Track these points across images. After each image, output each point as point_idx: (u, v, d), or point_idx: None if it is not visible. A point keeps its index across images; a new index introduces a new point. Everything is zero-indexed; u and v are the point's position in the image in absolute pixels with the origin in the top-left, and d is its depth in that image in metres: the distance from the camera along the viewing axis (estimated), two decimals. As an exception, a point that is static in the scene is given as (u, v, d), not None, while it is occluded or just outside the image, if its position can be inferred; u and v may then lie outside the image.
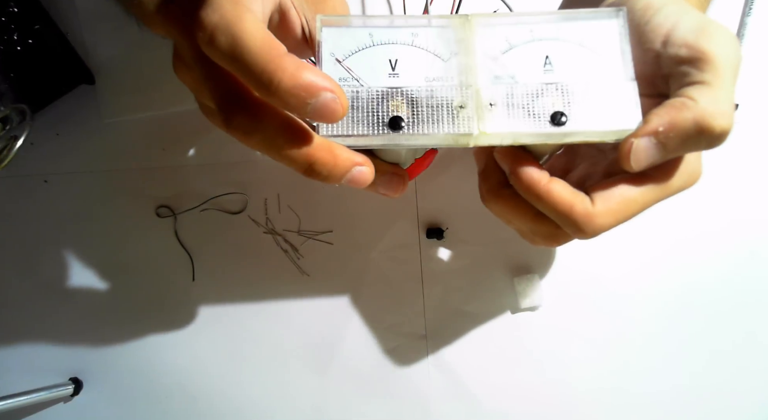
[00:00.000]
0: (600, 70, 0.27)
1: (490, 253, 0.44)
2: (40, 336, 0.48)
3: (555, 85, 0.27)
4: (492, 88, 0.27)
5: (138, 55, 0.45)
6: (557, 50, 0.27)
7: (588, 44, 0.27)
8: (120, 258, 0.47)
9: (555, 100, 0.27)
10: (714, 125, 0.24)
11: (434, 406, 0.46)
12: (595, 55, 0.27)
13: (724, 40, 0.25)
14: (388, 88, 0.27)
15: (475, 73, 0.27)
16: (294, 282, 0.46)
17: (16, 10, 0.43)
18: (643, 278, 0.44)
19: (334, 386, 0.46)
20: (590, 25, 0.27)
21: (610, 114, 0.26)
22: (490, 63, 0.27)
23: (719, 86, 0.24)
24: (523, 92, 0.27)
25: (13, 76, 0.44)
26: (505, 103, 0.27)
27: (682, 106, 0.25)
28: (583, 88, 0.27)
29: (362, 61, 0.27)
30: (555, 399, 0.45)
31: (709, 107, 0.24)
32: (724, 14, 0.42)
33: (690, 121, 0.24)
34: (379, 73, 0.27)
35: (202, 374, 0.47)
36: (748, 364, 0.44)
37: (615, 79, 0.27)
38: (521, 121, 0.27)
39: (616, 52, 0.27)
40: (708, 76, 0.25)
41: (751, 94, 0.42)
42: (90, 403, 0.48)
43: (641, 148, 0.25)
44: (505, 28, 0.27)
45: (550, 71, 0.27)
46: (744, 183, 0.43)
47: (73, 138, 0.46)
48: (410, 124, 0.26)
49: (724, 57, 0.25)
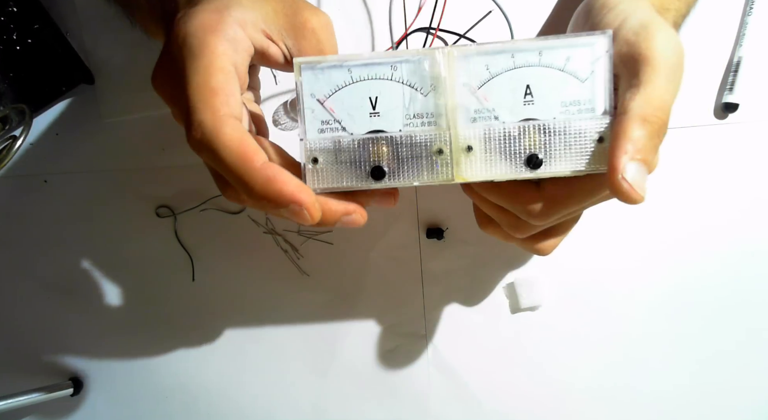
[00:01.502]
0: (580, 99, 0.26)
1: (490, 253, 0.44)
2: (40, 336, 0.48)
3: (533, 123, 0.27)
4: (470, 128, 0.27)
5: (138, 55, 0.45)
6: (539, 78, 0.27)
7: (570, 69, 0.26)
8: (120, 258, 0.47)
9: (532, 141, 0.27)
10: (660, 119, 0.24)
11: (434, 406, 0.46)
12: (576, 82, 0.26)
13: (663, 39, 0.25)
14: (369, 135, 0.27)
15: (454, 112, 0.27)
16: (294, 282, 0.46)
17: (15, 10, 0.43)
18: (643, 278, 0.44)
19: (334, 386, 0.46)
20: (575, 50, 0.26)
21: (585, 153, 0.27)
22: (468, 97, 0.27)
23: (652, 83, 0.25)
24: (501, 133, 0.27)
25: (12, 75, 0.44)
26: (483, 148, 0.27)
27: (627, 121, 0.24)
28: (561, 126, 0.27)
29: (343, 100, 0.27)
30: (555, 399, 0.45)
31: (645, 108, 0.24)
32: (725, 14, 0.42)
33: (642, 131, 0.24)
34: (360, 113, 0.27)
35: (202, 374, 0.47)
36: (749, 364, 0.44)
37: (593, 114, 0.26)
38: (497, 166, 0.27)
39: (599, 80, 0.26)
40: (642, 77, 0.25)
41: (751, 94, 0.42)
42: (90, 403, 0.48)
43: (635, 177, 0.24)
44: (485, 58, 0.27)
45: (530, 103, 0.27)
46: (744, 183, 0.43)
47: (72, 138, 0.46)
48: (391, 173, 0.27)
49: (662, 56, 0.25)
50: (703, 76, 0.42)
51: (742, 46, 0.41)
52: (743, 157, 0.43)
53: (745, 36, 0.41)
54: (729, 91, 0.41)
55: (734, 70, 0.41)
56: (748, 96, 0.41)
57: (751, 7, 0.41)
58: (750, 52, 0.41)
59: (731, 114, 0.42)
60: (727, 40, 0.42)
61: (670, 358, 0.44)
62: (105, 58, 0.45)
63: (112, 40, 0.45)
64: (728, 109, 0.42)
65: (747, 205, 0.43)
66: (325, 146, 0.28)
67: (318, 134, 0.28)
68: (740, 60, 0.41)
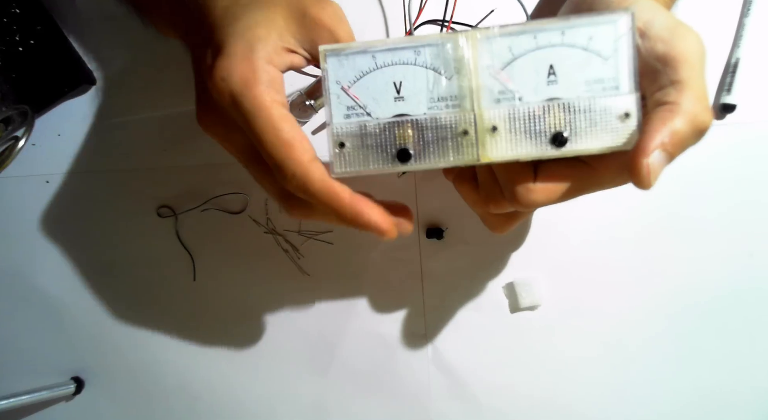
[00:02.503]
0: (604, 78, 0.27)
1: (490, 253, 0.45)
2: (41, 335, 0.48)
3: (557, 102, 0.27)
4: (494, 109, 0.27)
5: (139, 56, 0.45)
6: (562, 58, 0.27)
7: (593, 48, 0.26)
8: (121, 258, 0.47)
9: (557, 119, 0.27)
10: (706, 122, 0.26)
11: (434, 406, 0.46)
12: (600, 60, 0.27)
13: (694, 39, 0.27)
14: (394, 119, 0.28)
15: (478, 93, 0.27)
16: (294, 282, 0.46)
17: (17, 11, 0.43)
18: (643, 278, 0.44)
19: (334, 386, 0.46)
20: (597, 28, 0.26)
21: (610, 130, 0.27)
22: (492, 80, 0.27)
23: (696, 84, 0.26)
24: (525, 112, 0.27)
25: (14, 76, 0.44)
26: (507, 128, 0.27)
27: (672, 113, 0.25)
28: (585, 104, 0.27)
29: (368, 86, 0.28)
30: (555, 399, 0.45)
31: (696, 107, 0.25)
32: (722, 15, 0.42)
33: (687, 126, 0.25)
34: (385, 98, 0.28)
35: (203, 373, 0.47)
36: (750, 365, 0.44)
37: (618, 92, 0.26)
38: (522, 145, 0.27)
39: (623, 58, 0.26)
40: (684, 75, 0.26)
41: (749, 95, 0.42)
42: (91, 402, 0.48)
43: (656, 165, 0.25)
44: (508, 39, 0.27)
45: (554, 82, 0.27)
46: (742, 183, 0.43)
47: (74, 138, 0.46)
48: (417, 155, 0.28)
49: (696, 55, 0.26)
50: None
51: (739, 47, 0.41)
52: (741, 158, 0.43)
53: (742, 37, 0.41)
54: (727, 92, 0.42)
55: (732, 71, 0.42)
56: (746, 97, 0.42)
57: (749, 8, 0.41)
58: (748, 53, 0.41)
59: (729, 115, 0.42)
60: (725, 41, 0.42)
61: (671, 359, 0.44)
62: (106, 59, 0.45)
63: (114, 41, 0.45)
64: (726, 109, 0.42)
65: (745, 205, 0.43)
66: (351, 131, 0.28)
67: (344, 119, 0.28)
68: (738, 61, 0.41)
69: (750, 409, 0.44)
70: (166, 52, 0.44)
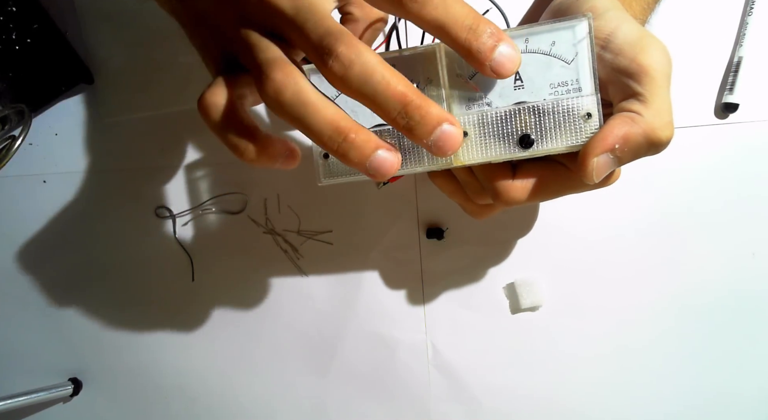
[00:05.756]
0: (567, 80, 0.28)
1: (490, 253, 0.44)
2: (39, 336, 0.47)
3: (524, 106, 0.28)
4: (465, 115, 0.29)
5: (137, 55, 0.45)
6: (527, 63, 0.28)
7: (555, 52, 0.28)
8: (119, 258, 0.46)
9: (524, 122, 0.28)
10: (661, 137, 0.27)
11: (434, 406, 0.46)
12: (562, 64, 0.28)
13: (658, 52, 0.27)
14: (373, 128, 0.29)
15: (449, 101, 0.29)
16: (294, 282, 0.46)
17: (14, 10, 0.43)
18: (644, 278, 0.44)
19: (334, 386, 0.46)
20: (558, 33, 0.28)
21: (574, 130, 0.28)
22: (462, 86, 0.28)
23: (659, 99, 0.27)
24: (494, 117, 0.29)
25: (11, 75, 0.44)
26: (478, 133, 0.29)
27: (631, 121, 0.27)
28: (550, 106, 0.28)
29: (345, 99, 0.27)
30: (555, 399, 0.45)
31: (655, 121, 0.27)
32: (725, 14, 0.42)
33: (641, 136, 0.27)
34: (362, 108, 0.28)
35: (202, 374, 0.47)
36: (753, 364, 0.44)
37: (581, 93, 0.28)
38: (493, 148, 0.29)
39: (583, 61, 0.28)
40: (647, 89, 0.27)
41: (752, 94, 0.41)
42: (89, 403, 0.48)
43: (601, 164, 0.27)
44: None
45: (520, 87, 0.28)
46: (744, 183, 0.43)
47: (72, 138, 0.46)
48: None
49: (660, 69, 0.27)
50: (703, 76, 0.42)
51: (742, 46, 0.41)
52: (744, 157, 0.43)
53: (745, 36, 0.41)
54: (729, 91, 0.41)
55: (734, 70, 0.41)
56: (748, 96, 0.41)
57: (752, 6, 0.41)
58: (750, 52, 0.41)
59: (731, 114, 0.42)
60: (728, 40, 0.42)
61: (672, 359, 0.44)
62: (104, 58, 0.45)
63: (112, 40, 0.45)
64: (728, 109, 0.42)
65: (748, 205, 0.43)
66: None
67: None
68: (740, 60, 0.41)
69: (754, 410, 0.44)
70: (165, 52, 0.44)
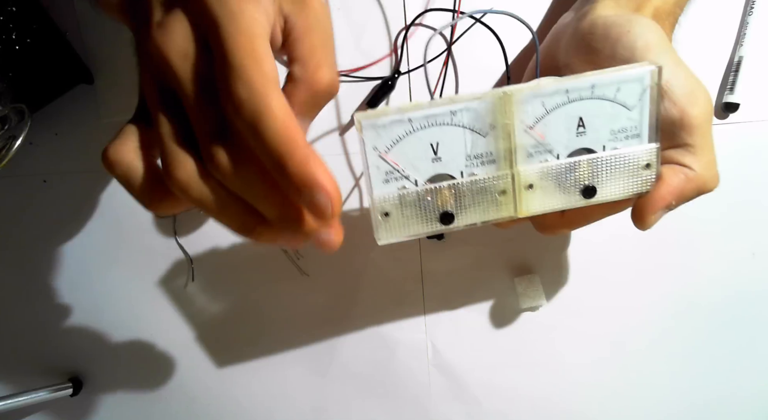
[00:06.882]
0: (627, 126, 0.28)
1: (490, 253, 0.44)
2: (39, 336, 0.47)
3: (586, 157, 0.29)
4: (529, 165, 0.29)
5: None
6: (590, 109, 0.28)
7: (620, 99, 0.28)
8: (119, 259, 0.46)
9: (586, 173, 0.29)
10: (711, 188, 0.29)
11: (434, 406, 0.46)
12: (624, 111, 0.28)
13: (707, 103, 0.28)
14: (433, 185, 0.28)
15: (515, 152, 0.28)
16: (294, 282, 0.46)
17: (14, 9, 0.43)
18: (644, 278, 0.44)
19: (334, 386, 0.46)
20: (624, 82, 0.27)
21: (631, 178, 0.29)
22: (527, 136, 0.28)
23: (708, 151, 0.28)
24: (557, 168, 0.29)
25: (11, 75, 0.44)
26: (541, 186, 0.29)
27: (685, 177, 0.28)
28: (611, 157, 0.28)
29: (405, 149, 0.28)
30: (555, 399, 0.45)
31: (706, 174, 0.28)
32: (725, 14, 0.42)
33: (694, 190, 0.29)
34: (422, 160, 0.28)
35: (202, 374, 0.47)
36: (753, 365, 0.44)
37: (640, 140, 0.28)
38: (555, 197, 0.29)
39: (646, 109, 0.28)
40: (697, 140, 0.28)
41: (752, 94, 0.41)
42: (90, 403, 0.48)
43: (658, 217, 0.29)
44: (540, 98, 0.28)
45: (582, 134, 0.28)
46: (744, 184, 0.43)
47: (72, 138, 0.46)
48: (458, 216, 0.29)
49: (708, 120, 0.28)
50: (704, 76, 0.41)
51: (742, 45, 0.41)
52: (744, 158, 0.43)
53: (745, 35, 0.41)
54: (730, 91, 0.41)
55: (735, 69, 0.41)
56: (748, 96, 0.41)
57: (752, 6, 0.41)
58: (751, 52, 0.41)
59: (732, 114, 0.42)
60: (728, 39, 0.42)
61: (673, 359, 0.44)
62: (104, 58, 0.45)
63: (112, 40, 0.45)
64: (729, 108, 0.42)
65: (748, 205, 0.43)
66: (393, 199, 0.29)
67: (383, 185, 0.28)
68: (741, 60, 0.41)
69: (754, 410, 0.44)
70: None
